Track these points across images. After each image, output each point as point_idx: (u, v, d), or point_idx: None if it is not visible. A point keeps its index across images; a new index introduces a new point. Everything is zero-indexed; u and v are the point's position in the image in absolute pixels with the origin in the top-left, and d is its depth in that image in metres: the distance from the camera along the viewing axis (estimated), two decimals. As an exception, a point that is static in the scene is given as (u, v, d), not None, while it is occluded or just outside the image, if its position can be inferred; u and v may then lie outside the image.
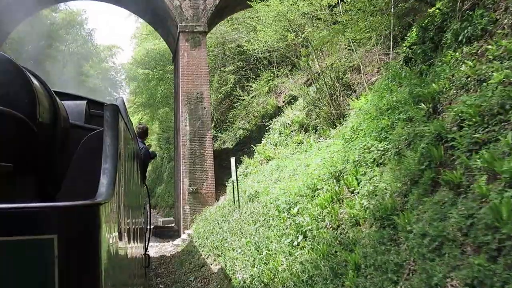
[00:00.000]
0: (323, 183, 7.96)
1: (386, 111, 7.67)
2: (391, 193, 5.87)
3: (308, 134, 13.51)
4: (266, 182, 11.89)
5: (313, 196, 7.94)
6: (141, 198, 5.60)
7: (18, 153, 2.71)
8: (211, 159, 15.79)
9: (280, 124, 15.00)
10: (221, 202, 15.21)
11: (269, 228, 8.41)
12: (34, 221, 1.78)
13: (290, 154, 13.21)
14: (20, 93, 2.75)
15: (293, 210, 8.16)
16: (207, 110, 16.04)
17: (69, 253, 1.81)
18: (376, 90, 9.45)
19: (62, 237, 1.78)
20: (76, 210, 1.88)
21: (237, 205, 11.30)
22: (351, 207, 6.45)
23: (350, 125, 8.99)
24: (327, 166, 8.21)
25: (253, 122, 19.99)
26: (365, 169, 6.80)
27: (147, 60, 25.75)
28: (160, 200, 29.03)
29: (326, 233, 6.48)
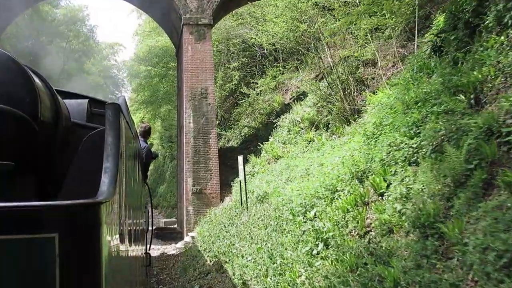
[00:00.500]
0: (343, 184, 7.13)
1: (414, 104, 6.85)
2: (429, 196, 5.04)
3: (319, 132, 12.69)
4: (275, 183, 11.07)
5: (332, 198, 7.11)
6: (142, 197, 5.49)
7: (19, 152, 2.68)
8: (216, 158, 14.97)
9: (289, 121, 14.18)
10: (226, 203, 14.40)
11: (282, 233, 7.59)
12: (35, 219, 1.77)
13: (300, 153, 12.40)
14: (22, 91, 2.71)
15: (309, 214, 7.34)
16: (211, 107, 15.22)
17: (70, 251, 1.80)
18: (398, 83, 8.62)
19: (63, 235, 1.77)
20: (77, 209, 1.86)
21: (245, 207, 10.48)
22: (380, 211, 5.62)
23: (371, 120, 8.16)
24: (347, 165, 7.38)
25: (259, 119, 19.18)
26: (395, 169, 5.97)
27: (150, 56, 24.95)
28: (162, 200, 28.24)
29: (352, 242, 5.66)
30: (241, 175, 10.52)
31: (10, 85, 2.67)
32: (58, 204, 1.92)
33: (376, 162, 6.49)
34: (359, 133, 9.85)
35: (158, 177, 33.43)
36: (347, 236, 5.98)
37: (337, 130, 11.72)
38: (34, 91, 2.77)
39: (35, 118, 2.73)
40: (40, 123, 2.78)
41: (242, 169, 10.24)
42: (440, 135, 5.67)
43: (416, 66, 8.03)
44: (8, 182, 2.58)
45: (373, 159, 6.68)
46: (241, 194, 10.90)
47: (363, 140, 7.70)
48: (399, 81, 8.47)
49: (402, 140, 6.26)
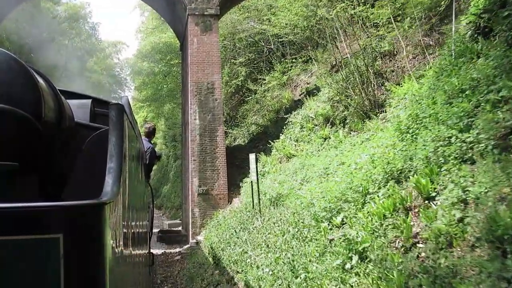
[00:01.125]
0: (376, 185, 6.13)
1: (460, 93, 5.84)
2: (498, 200, 4.04)
3: (335, 128, 11.67)
4: (290, 183, 10.07)
5: (364, 202, 6.11)
6: (145, 198, 5.40)
7: (22, 152, 2.65)
8: (223, 157, 13.98)
9: (301, 117, 13.17)
10: (235, 205, 13.41)
11: (304, 242, 6.59)
12: (40, 220, 1.76)
13: (316, 151, 11.39)
14: (25, 91, 2.69)
15: (335, 220, 6.34)
16: (218, 102, 14.23)
17: (75, 252, 1.79)
18: (433, 71, 7.60)
19: (67, 236, 1.76)
20: (81, 209, 1.85)
21: (257, 210, 9.48)
22: (431, 219, 4.61)
23: (405, 113, 7.15)
24: (379, 164, 6.37)
25: (268, 117, 18.18)
26: (446, 168, 4.96)
27: (153, 53, 24.00)
28: (166, 200, 27.28)
29: (397, 256, 4.64)
30: (253, 175, 9.52)
31: (13, 85, 2.65)
32: (63, 204, 1.90)
33: (419, 159, 5.48)
34: (384, 128, 8.86)
35: (161, 177, 32.47)
36: (387, 248, 4.97)
37: (355, 126, 10.71)
38: (37, 91, 2.73)
39: (38, 118, 2.70)
40: (44, 123, 2.75)
41: (255, 168, 9.24)
42: (502, 126, 4.66)
43: (456, 51, 7.01)
44: (11, 182, 2.54)
45: (414, 156, 5.67)
46: (253, 196, 9.90)
47: (396, 135, 6.69)
48: (434, 69, 7.45)
49: (450, 134, 5.24)
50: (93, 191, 2.19)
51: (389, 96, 10.20)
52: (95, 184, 2.34)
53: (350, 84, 11.50)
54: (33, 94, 2.71)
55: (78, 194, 2.22)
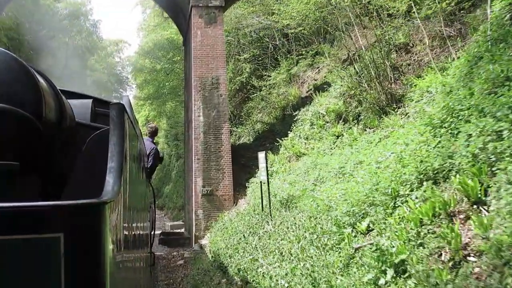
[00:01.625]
0: (407, 186, 5.36)
1: (507, 81, 5.07)
2: None
3: (348, 125, 10.91)
4: (302, 184, 9.31)
5: (394, 205, 5.34)
6: (146, 198, 5.30)
7: (23, 152, 2.61)
8: (228, 155, 13.21)
9: (311, 114, 12.41)
10: (241, 206, 12.65)
11: (324, 250, 5.82)
12: (40, 219, 1.74)
13: (328, 149, 10.63)
14: (26, 91, 2.66)
15: (360, 225, 5.57)
16: (223, 98, 13.46)
17: (75, 251, 1.76)
18: (465, 60, 6.83)
19: (68, 235, 1.74)
20: (82, 208, 1.83)
21: (267, 213, 8.71)
22: (485, 227, 3.84)
23: (433, 107, 6.37)
24: (410, 162, 5.60)
25: (274, 114, 17.42)
26: (502, 166, 4.18)
27: (155, 49, 23.24)
28: (168, 200, 26.53)
29: (445, 272, 3.87)
30: (263, 175, 8.75)
31: (14, 84, 2.63)
32: (63, 204, 1.87)
33: (462, 157, 4.70)
34: (405, 124, 8.10)
35: (163, 176, 31.71)
36: (429, 261, 4.20)
37: (371, 122, 9.95)
38: (38, 91, 2.73)
39: (39, 118, 2.69)
40: (44, 122, 2.74)
41: (265, 167, 8.47)
42: None
43: (493, 36, 6.23)
44: (11, 181, 2.49)
45: (454, 154, 4.90)
46: (262, 197, 9.13)
47: (428, 131, 5.91)
48: (466, 57, 6.67)
49: (501, 127, 4.47)
50: (93, 191, 2.16)
51: (409, 89, 9.43)
52: (96, 184, 2.31)
53: (364, 78, 10.73)
54: (33, 94, 2.69)
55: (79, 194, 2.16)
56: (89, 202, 1.88)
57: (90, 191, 2.21)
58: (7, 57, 2.70)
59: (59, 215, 1.80)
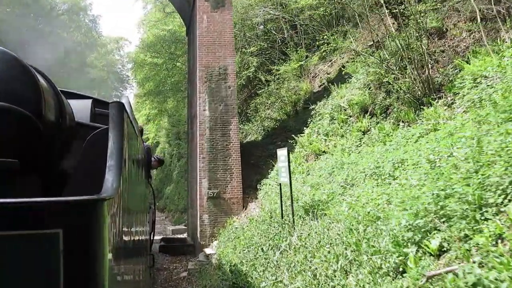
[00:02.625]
0: (499, 193, 3.90)
1: None
2: None
3: (376, 119, 9.45)
4: (328, 186, 7.85)
5: (481, 218, 3.88)
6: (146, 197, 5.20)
7: (23, 150, 2.64)
8: (237, 154, 11.76)
9: (331, 108, 10.94)
10: (252, 211, 11.20)
11: (379, 276, 4.35)
12: (39, 215, 1.72)
13: (354, 147, 9.17)
14: (26, 90, 2.68)
15: (430, 245, 4.11)
16: (232, 90, 12.00)
17: (74, 247, 1.74)
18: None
19: (67, 231, 1.73)
20: (81, 205, 1.82)
21: (288, 221, 7.25)
22: None
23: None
24: (500, 161, 4.14)
25: (284, 109, 15.98)
26: None
27: (157, 41, 21.78)
28: (169, 202, 25.06)
29: None
30: (284, 176, 7.28)
31: (14, 83, 2.62)
32: (62, 200, 1.86)
33: None
34: (454, 116, 6.66)
35: (164, 177, 30.24)
36: None
37: (405, 115, 8.49)
38: (38, 90, 2.73)
39: (39, 117, 2.68)
40: (44, 121, 2.74)
41: (286, 167, 6.99)
42: None
43: None
44: (11, 180, 2.50)
45: None
46: (281, 202, 7.67)
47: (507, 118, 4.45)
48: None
49: None
50: (93, 190, 2.13)
51: (453, 76, 7.98)
52: (96, 182, 2.27)
53: (396, 64, 9.28)
54: (33, 93, 2.68)
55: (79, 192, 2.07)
56: (88, 198, 1.84)
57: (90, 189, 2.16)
58: (7, 56, 2.68)
59: (58, 211, 1.75)
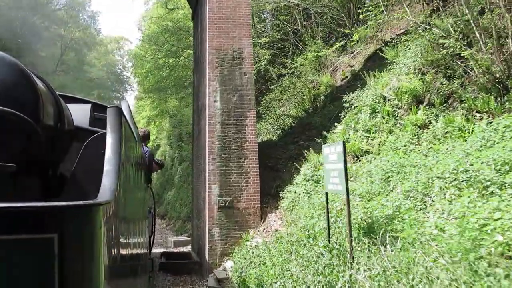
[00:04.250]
0: None
1: None
2: None
3: (435, 110, 7.31)
4: (389, 197, 5.69)
5: None
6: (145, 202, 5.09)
7: (21, 154, 2.61)
8: (254, 155, 9.60)
9: (372, 99, 8.78)
10: (272, 224, 9.05)
11: None
12: (35, 220, 1.68)
13: (410, 144, 7.03)
14: (25, 94, 2.65)
15: None
16: (248, 78, 9.85)
17: (70, 252, 1.71)
18: None
19: (62, 236, 1.69)
20: (77, 210, 1.78)
21: (340, 246, 5.06)
22: None
23: None
24: None
25: (302, 106, 13.87)
26: None
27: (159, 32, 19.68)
28: (170, 208, 22.84)
29: None
30: (334, 182, 5.09)
31: (13, 87, 2.60)
32: (58, 205, 1.78)
33: None
34: None
35: (165, 181, 28.01)
36: None
37: (484, 104, 6.36)
38: (36, 94, 2.70)
39: (37, 121, 2.66)
40: (43, 125, 2.72)
41: (341, 170, 4.80)
42: None
43: None
44: (10, 183, 2.47)
45: None
46: (329, 219, 5.47)
47: None
48: None
49: None
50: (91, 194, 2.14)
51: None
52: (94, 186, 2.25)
53: (464, 40, 7.15)
54: (31, 97, 2.66)
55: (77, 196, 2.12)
56: (84, 203, 1.81)
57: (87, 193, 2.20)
58: (6, 60, 2.64)
59: (53, 216, 1.71)
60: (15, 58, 2.78)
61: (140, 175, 4.38)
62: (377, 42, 13.91)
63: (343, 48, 15.82)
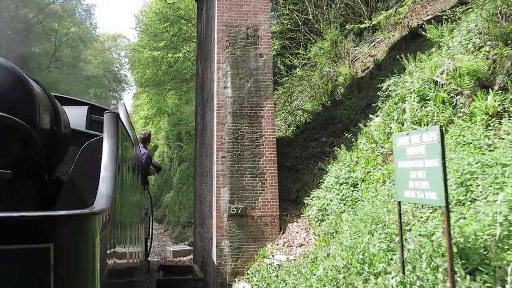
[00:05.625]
0: None
1: None
2: None
3: (510, 95, 5.61)
4: (484, 208, 3.98)
5: None
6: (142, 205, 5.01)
7: (18, 159, 2.56)
8: (272, 152, 7.87)
9: (420, 84, 7.05)
10: (294, 237, 7.34)
11: None
12: (31, 230, 1.60)
13: (487, 138, 5.32)
14: (21, 99, 2.57)
15: None
16: (265, 60, 8.12)
17: (66, 262, 1.66)
18: None
19: (58, 246, 1.62)
20: (73, 219, 1.72)
21: (419, 283, 3.33)
22: None
23: None
24: None
25: (319, 99, 12.17)
26: None
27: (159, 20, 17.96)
28: (168, 212, 21.05)
29: None
30: (426, 185, 3.37)
31: (8, 92, 2.52)
32: (54, 214, 1.75)
33: None
34: None
35: (163, 183, 26.20)
36: None
37: None
38: (33, 99, 2.63)
39: (33, 126, 2.58)
40: (39, 130, 2.64)
41: (440, 168, 3.09)
42: None
43: None
44: (6, 190, 2.36)
45: None
46: (402, 239, 3.73)
47: None
48: None
49: None
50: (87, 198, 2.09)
51: None
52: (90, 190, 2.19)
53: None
54: (28, 102, 2.59)
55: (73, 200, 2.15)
56: (80, 212, 1.74)
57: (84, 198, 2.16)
58: (2, 64, 2.57)
59: (49, 225, 1.65)
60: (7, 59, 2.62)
61: (137, 178, 4.22)
62: (403, 28, 12.31)
63: (360, 37, 14.21)
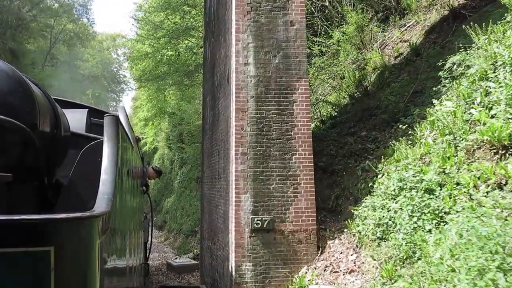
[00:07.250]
0: None
1: None
2: None
3: None
4: None
5: None
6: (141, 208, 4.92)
7: (18, 162, 2.53)
8: (307, 148, 5.98)
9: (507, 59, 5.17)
10: (338, 258, 5.45)
11: None
12: (31, 233, 1.60)
13: None
14: (20, 102, 2.54)
15: None
16: (298, 30, 6.23)
17: (66, 265, 1.65)
18: None
19: (59, 249, 1.61)
20: (73, 222, 1.71)
21: None
22: None
23: None
24: None
25: (346, 89, 10.33)
26: None
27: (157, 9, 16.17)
28: (169, 218, 19.13)
29: None
30: None
31: (8, 95, 2.48)
32: (54, 217, 1.73)
33: None
34: None
35: (163, 187, 24.27)
36: None
37: None
38: (33, 102, 2.60)
39: (33, 128, 2.56)
40: (39, 133, 2.62)
41: None
42: None
43: None
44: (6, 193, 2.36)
45: None
46: None
47: None
48: None
49: None
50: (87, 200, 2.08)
51: None
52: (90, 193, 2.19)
53: None
54: (28, 105, 2.56)
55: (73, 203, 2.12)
56: (81, 215, 1.74)
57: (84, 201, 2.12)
58: (2, 67, 2.54)
59: (49, 228, 1.63)
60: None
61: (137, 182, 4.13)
62: (442, 8, 10.53)
63: (384, 23, 12.42)
